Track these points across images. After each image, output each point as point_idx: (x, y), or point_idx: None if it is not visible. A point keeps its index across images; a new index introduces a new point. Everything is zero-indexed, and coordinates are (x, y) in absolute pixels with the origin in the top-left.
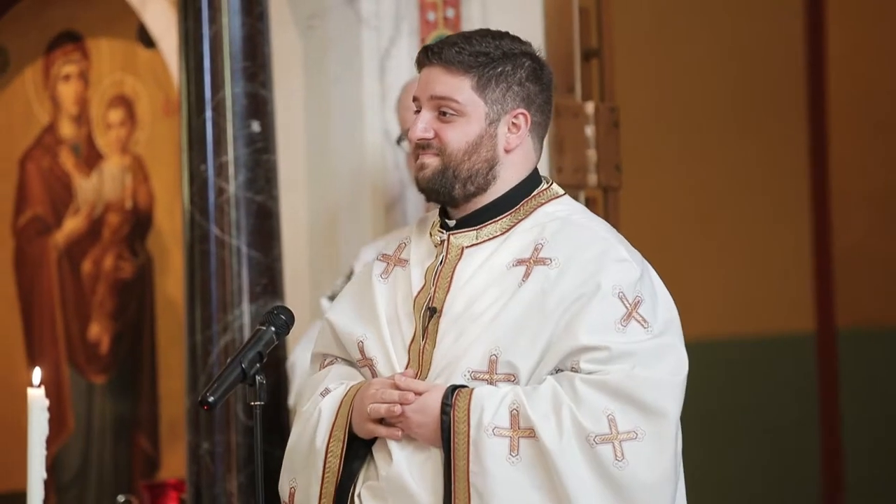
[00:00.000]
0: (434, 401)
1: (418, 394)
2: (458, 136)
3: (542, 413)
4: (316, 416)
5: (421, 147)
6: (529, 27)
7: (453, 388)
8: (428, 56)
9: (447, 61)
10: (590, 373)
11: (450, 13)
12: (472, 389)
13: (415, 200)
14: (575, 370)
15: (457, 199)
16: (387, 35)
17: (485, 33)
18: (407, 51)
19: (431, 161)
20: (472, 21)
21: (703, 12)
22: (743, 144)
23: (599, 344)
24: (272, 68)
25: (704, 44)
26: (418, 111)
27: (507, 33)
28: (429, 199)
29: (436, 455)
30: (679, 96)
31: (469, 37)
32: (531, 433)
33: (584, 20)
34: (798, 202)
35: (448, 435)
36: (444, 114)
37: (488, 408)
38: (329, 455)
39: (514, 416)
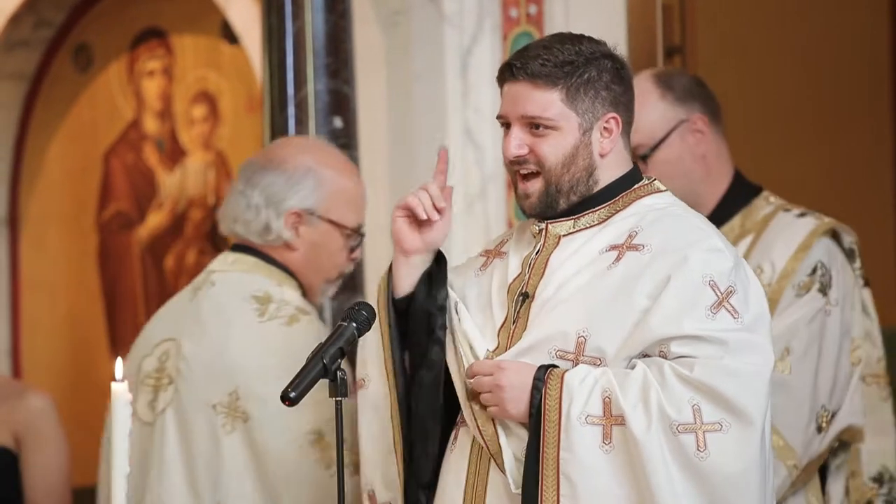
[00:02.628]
0: (528, 374)
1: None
2: (554, 150)
3: (632, 401)
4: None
5: (518, 164)
6: (612, 24)
7: (545, 367)
8: (513, 72)
9: (533, 75)
10: (680, 356)
11: (532, 10)
12: (564, 372)
13: (496, 198)
14: (664, 355)
15: (564, 212)
16: (469, 32)
17: (562, 39)
18: (489, 48)
19: (534, 186)
20: (555, 18)
21: (787, 8)
22: (827, 140)
23: (689, 332)
24: (355, 65)
25: (788, 39)
26: (506, 125)
27: (582, 36)
28: (533, 216)
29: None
30: (762, 93)
31: (549, 46)
32: (622, 421)
33: (668, 17)
34: (881, 197)
35: (538, 416)
36: (537, 127)
37: (580, 395)
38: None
39: (607, 403)
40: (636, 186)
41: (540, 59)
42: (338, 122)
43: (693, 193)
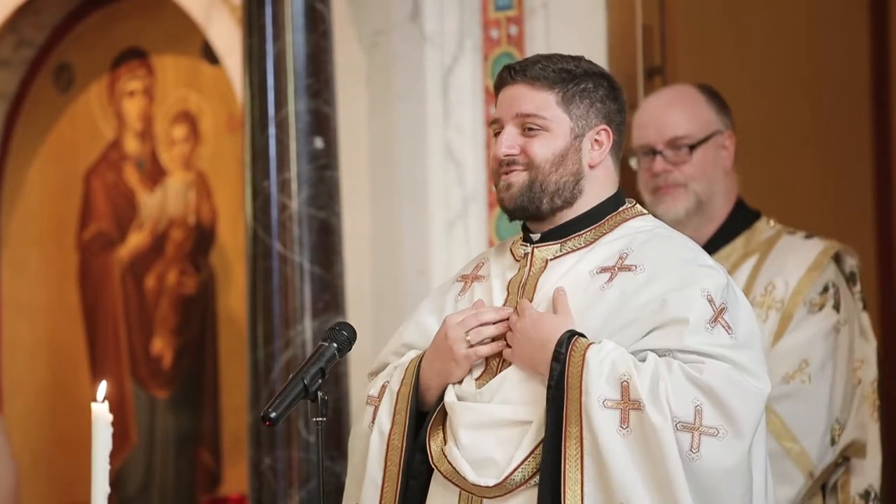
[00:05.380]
0: (551, 333)
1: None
2: (545, 149)
3: (647, 389)
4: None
5: (506, 164)
6: (593, 44)
7: (569, 335)
8: (511, 74)
9: (532, 78)
10: (686, 362)
11: (513, 30)
12: (586, 349)
13: (476, 218)
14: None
15: (544, 214)
16: (450, 52)
17: (561, 55)
18: (470, 68)
19: (517, 178)
20: (536, 38)
21: (767, 29)
22: (807, 156)
23: (692, 347)
24: (335, 85)
25: (767, 59)
26: (498, 133)
27: (583, 57)
28: (513, 217)
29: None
30: (743, 113)
31: (549, 56)
32: (640, 406)
33: (648, 37)
34: (862, 213)
35: (558, 390)
36: (530, 129)
37: (599, 377)
38: (392, 438)
39: (625, 387)
40: (621, 209)
41: (539, 65)
42: (318, 143)
43: (711, 202)
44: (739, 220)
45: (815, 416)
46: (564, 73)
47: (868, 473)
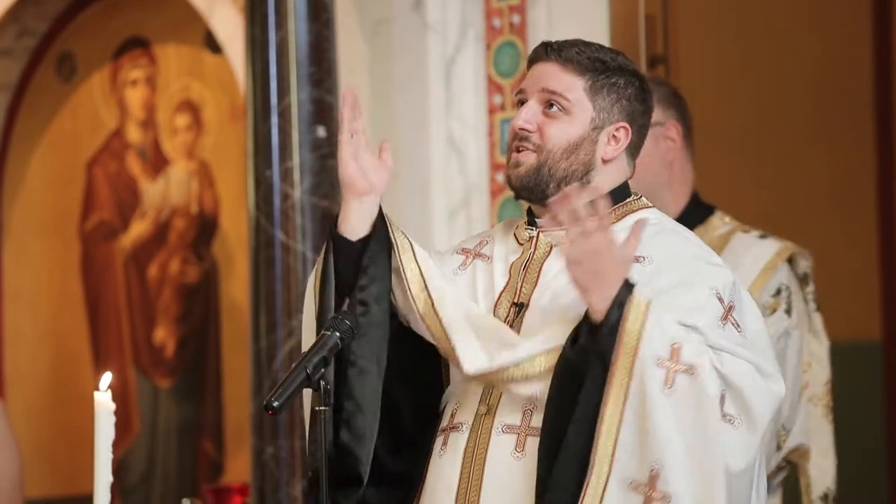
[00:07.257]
0: (619, 270)
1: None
2: (560, 134)
3: (697, 355)
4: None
5: (519, 139)
6: (596, 33)
7: (629, 286)
8: (546, 51)
9: (566, 59)
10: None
11: (515, 19)
12: (648, 305)
13: (479, 207)
14: None
15: (549, 199)
16: (452, 42)
17: (601, 46)
18: (472, 57)
19: (527, 158)
20: (538, 27)
21: (770, 18)
22: (809, 152)
23: (709, 342)
24: (338, 74)
25: (770, 48)
26: (522, 103)
27: (620, 52)
28: (519, 197)
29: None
30: (744, 102)
31: (588, 43)
32: (690, 370)
33: (650, 26)
34: (864, 207)
35: (612, 334)
36: (551, 106)
37: (655, 336)
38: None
39: (676, 350)
40: (627, 200)
41: (576, 48)
42: (321, 132)
43: (657, 197)
44: (693, 214)
45: None
46: (598, 63)
47: (826, 477)
